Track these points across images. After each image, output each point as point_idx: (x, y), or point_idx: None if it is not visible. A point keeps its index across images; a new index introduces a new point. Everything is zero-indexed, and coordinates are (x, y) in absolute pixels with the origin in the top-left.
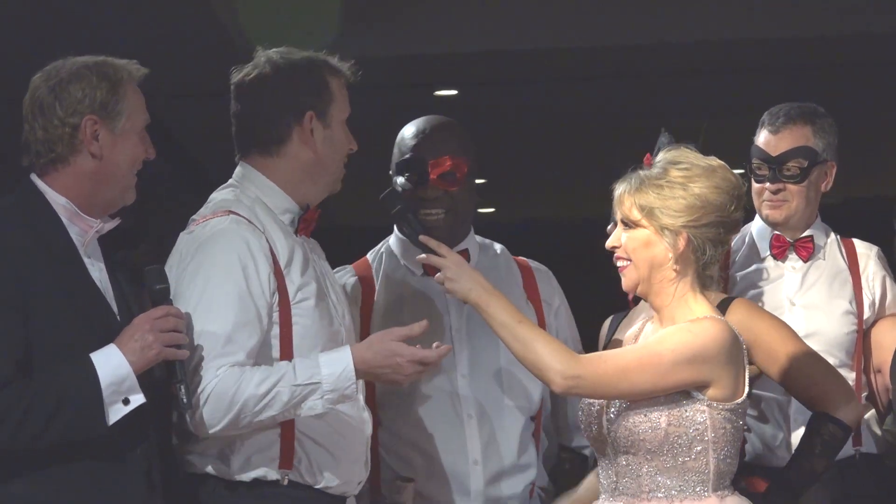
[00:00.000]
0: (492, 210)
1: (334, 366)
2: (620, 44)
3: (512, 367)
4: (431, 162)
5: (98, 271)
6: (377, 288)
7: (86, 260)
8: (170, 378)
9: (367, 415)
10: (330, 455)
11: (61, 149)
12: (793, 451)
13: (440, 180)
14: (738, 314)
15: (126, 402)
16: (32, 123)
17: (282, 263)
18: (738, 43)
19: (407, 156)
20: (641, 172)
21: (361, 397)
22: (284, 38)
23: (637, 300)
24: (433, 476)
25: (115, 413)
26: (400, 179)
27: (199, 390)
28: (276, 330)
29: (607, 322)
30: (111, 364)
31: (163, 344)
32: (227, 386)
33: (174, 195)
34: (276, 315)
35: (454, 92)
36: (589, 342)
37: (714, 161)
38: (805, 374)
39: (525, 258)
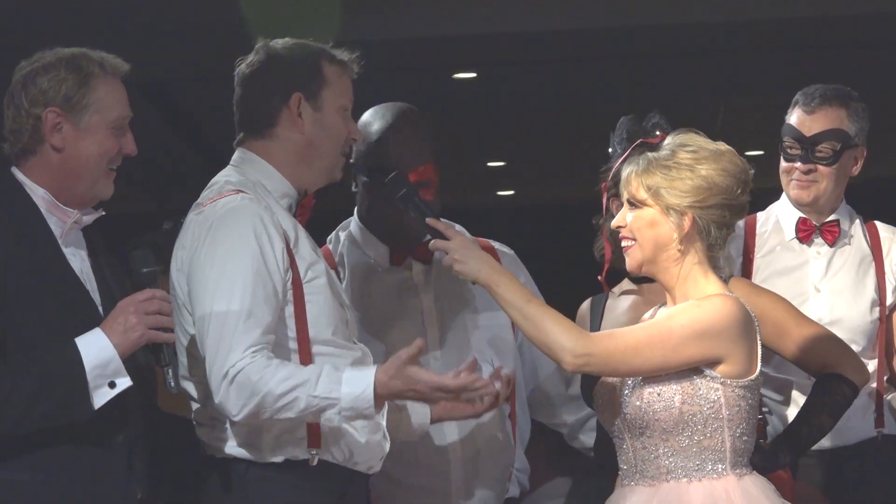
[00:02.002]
0: (511, 193)
1: (355, 385)
2: (639, 24)
3: (483, 349)
4: (411, 175)
5: (80, 261)
6: (344, 278)
7: (65, 250)
8: (157, 361)
9: None
10: (353, 430)
11: (27, 139)
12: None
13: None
14: (739, 292)
15: (112, 385)
16: (6, 112)
17: (290, 241)
18: (755, 24)
19: (383, 163)
20: (650, 154)
21: None
22: (287, 28)
23: (612, 283)
24: (410, 460)
25: (101, 397)
26: (364, 179)
27: (226, 370)
28: (290, 308)
29: (586, 304)
30: (96, 347)
31: (147, 326)
32: (249, 375)
33: (191, 176)
34: (289, 293)
35: (473, 75)
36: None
37: (722, 145)
38: (811, 343)
39: (489, 240)
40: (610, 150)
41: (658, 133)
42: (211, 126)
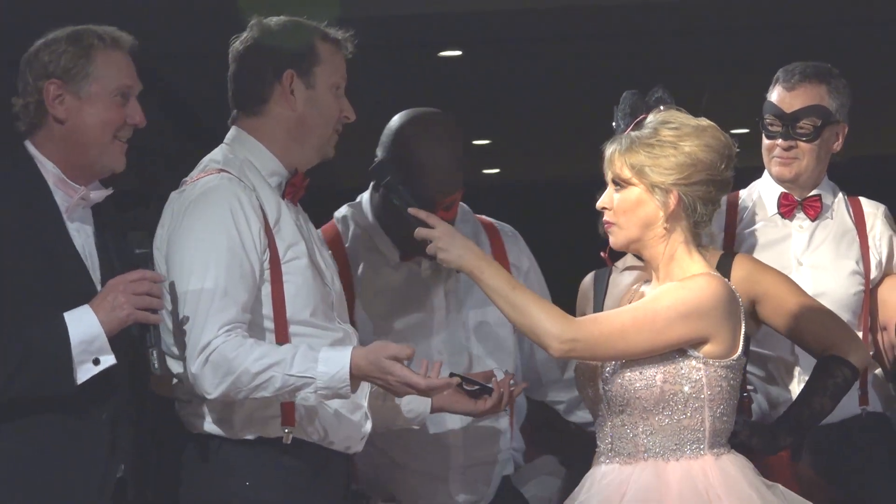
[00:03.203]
0: (496, 171)
1: (331, 365)
2: (625, 3)
3: (485, 343)
4: (440, 202)
5: (84, 237)
6: (360, 270)
7: (70, 225)
8: (142, 343)
9: None
10: (330, 410)
11: (33, 113)
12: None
13: (442, 210)
14: (743, 269)
15: (96, 362)
16: (19, 89)
17: (271, 221)
18: (742, 1)
19: (419, 184)
20: (632, 133)
21: None
22: (283, 5)
23: (615, 259)
24: (410, 444)
25: (85, 373)
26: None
27: (201, 348)
28: (267, 287)
29: (589, 278)
30: (83, 323)
31: (134, 306)
32: (225, 353)
33: (182, 156)
34: (266, 273)
35: (458, 53)
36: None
37: (704, 121)
38: (813, 324)
39: (489, 218)
40: (614, 124)
41: (661, 108)
42: (200, 104)
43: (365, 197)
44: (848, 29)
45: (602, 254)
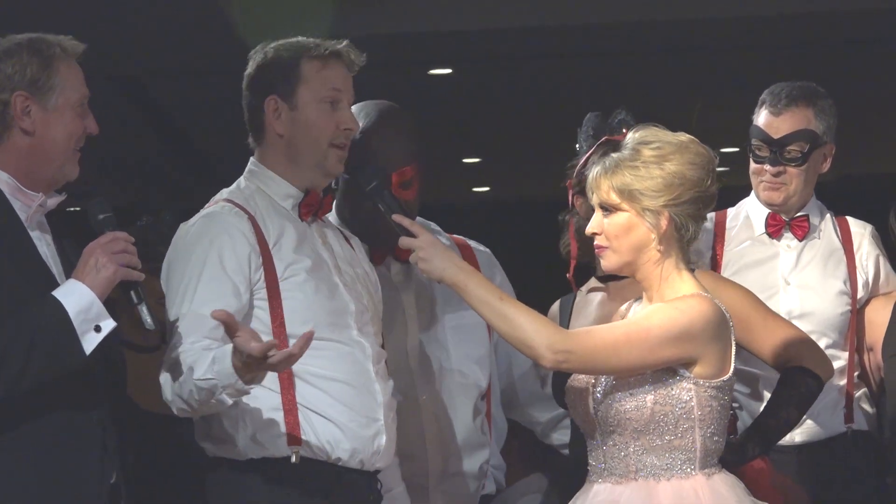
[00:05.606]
0: (486, 189)
1: (221, 362)
2: (616, 21)
3: (459, 348)
4: (394, 175)
5: (45, 245)
6: None
7: (31, 233)
8: (130, 301)
9: (378, 385)
10: (336, 426)
11: None
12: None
13: (399, 189)
14: (705, 284)
15: (98, 329)
16: None
17: (270, 243)
18: (732, 21)
19: (367, 165)
20: (614, 155)
21: (372, 367)
22: (277, 25)
23: (580, 283)
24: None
25: (90, 342)
26: (345, 176)
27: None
28: (263, 304)
29: (555, 306)
30: (75, 294)
31: (117, 263)
32: (180, 363)
33: (170, 172)
34: (263, 291)
35: (448, 71)
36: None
37: (683, 136)
38: (777, 337)
39: (463, 238)
40: (577, 146)
41: (624, 130)
42: (190, 122)
43: (333, 211)
44: (836, 48)
45: (568, 275)
